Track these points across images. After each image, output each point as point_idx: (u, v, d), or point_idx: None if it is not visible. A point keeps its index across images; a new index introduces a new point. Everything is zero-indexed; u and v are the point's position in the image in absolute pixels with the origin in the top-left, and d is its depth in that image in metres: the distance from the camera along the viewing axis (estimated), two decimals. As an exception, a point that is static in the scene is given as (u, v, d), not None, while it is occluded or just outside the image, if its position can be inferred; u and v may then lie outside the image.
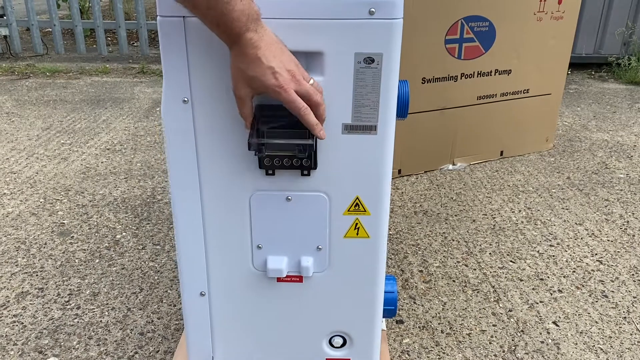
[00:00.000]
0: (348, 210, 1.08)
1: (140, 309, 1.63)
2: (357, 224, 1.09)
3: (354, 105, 0.99)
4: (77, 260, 1.86)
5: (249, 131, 0.98)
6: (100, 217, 2.15)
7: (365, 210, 1.08)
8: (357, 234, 1.10)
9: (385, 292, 1.21)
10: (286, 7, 0.92)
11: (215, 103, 0.99)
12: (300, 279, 1.14)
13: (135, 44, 5.34)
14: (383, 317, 1.23)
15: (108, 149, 2.82)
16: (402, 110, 1.07)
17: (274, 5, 0.92)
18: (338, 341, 1.21)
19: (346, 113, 0.99)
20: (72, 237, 2.01)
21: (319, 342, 1.21)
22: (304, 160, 1.01)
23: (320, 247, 1.11)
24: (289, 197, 1.07)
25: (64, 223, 2.10)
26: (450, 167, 2.66)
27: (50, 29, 4.81)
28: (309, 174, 1.05)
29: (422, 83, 2.44)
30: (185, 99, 0.99)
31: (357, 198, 1.07)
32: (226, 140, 1.02)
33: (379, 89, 0.97)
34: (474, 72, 2.53)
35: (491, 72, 2.57)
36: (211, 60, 0.96)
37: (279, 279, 1.14)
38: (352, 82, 0.97)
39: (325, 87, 0.97)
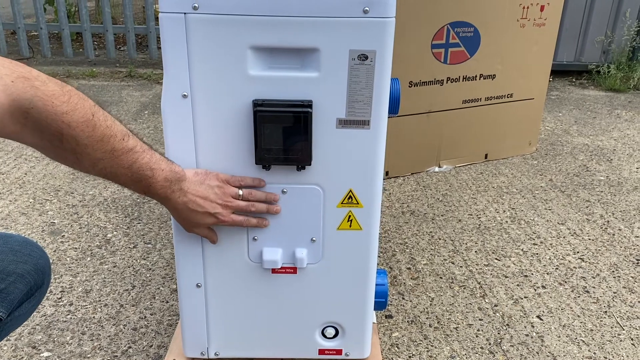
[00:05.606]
0: (341, 203, 1.11)
1: (132, 306, 1.64)
2: (350, 216, 1.13)
3: (348, 101, 1.03)
4: (68, 259, 1.87)
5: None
6: (90, 216, 2.16)
7: (358, 203, 1.12)
8: (350, 226, 1.14)
9: (376, 284, 1.24)
10: (284, 4, 0.96)
11: (214, 98, 1.03)
12: (294, 270, 1.17)
13: (122, 48, 5.34)
14: (374, 309, 1.27)
15: (97, 151, 2.82)
16: (394, 107, 1.11)
17: (272, 3, 0.95)
18: (330, 332, 1.24)
19: (340, 108, 1.03)
20: (63, 236, 2.02)
21: (312, 332, 1.24)
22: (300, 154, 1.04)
23: (314, 239, 1.14)
24: (284, 190, 1.10)
25: (54, 222, 2.11)
26: (437, 169, 2.71)
27: (37, 32, 4.80)
28: (304, 169, 1.08)
29: (409, 87, 2.49)
30: (185, 94, 1.02)
31: (351, 191, 1.11)
32: (224, 135, 1.05)
33: (372, 85, 1.01)
34: (459, 77, 2.59)
35: (476, 76, 2.63)
36: (211, 56, 0.99)
37: (273, 271, 1.17)
38: (346, 78, 1.01)
39: (320, 82, 1.01)
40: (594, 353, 1.51)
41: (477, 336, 1.56)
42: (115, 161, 0.87)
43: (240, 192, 1.07)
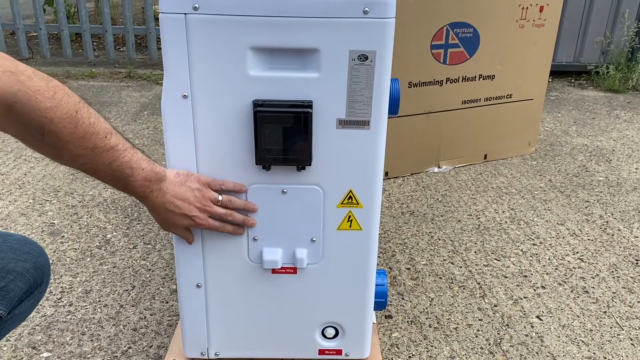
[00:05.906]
0: (341, 203, 1.12)
1: (132, 306, 1.64)
2: (350, 216, 1.13)
3: (348, 101, 1.03)
4: (68, 259, 1.87)
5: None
6: (90, 217, 2.16)
7: (358, 203, 1.12)
8: (350, 226, 1.14)
9: (376, 284, 1.24)
10: (284, 5, 0.96)
11: (214, 99, 1.03)
12: (294, 270, 1.17)
13: (121, 49, 5.34)
14: (374, 309, 1.27)
15: (96, 151, 2.82)
16: (394, 107, 1.11)
17: (272, 3, 0.96)
18: (330, 332, 1.24)
19: (340, 108, 1.04)
20: (63, 236, 2.02)
21: (312, 333, 1.24)
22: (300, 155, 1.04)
23: (314, 239, 1.15)
24: (284, 190, 1.10)
25: (54, 223, 2.11)
26: (436, 169, 2.72)
27: (36, 33, 4.80)
28: (304, 169, 1.08)
29: (409, 87, 2.49)
30: (185, 94, 1.02)
31: (351, 191, 1.11)
32: (224, 135, 1.06)
33: (372, 86, 1.02)
34: (458, 77, 2.60)
35: (475, 77, 2.64)
36: (211, 56, 0.99)
37: (273, 271, 1.17)
38: (346, 79, 1.01)
39: (320, 83, 1.01)
40: (594, 353, 1.51)
41: (476, 336, 1.56)
42: (95, 158, 0.88)
43: (220, 197, 1.07)
